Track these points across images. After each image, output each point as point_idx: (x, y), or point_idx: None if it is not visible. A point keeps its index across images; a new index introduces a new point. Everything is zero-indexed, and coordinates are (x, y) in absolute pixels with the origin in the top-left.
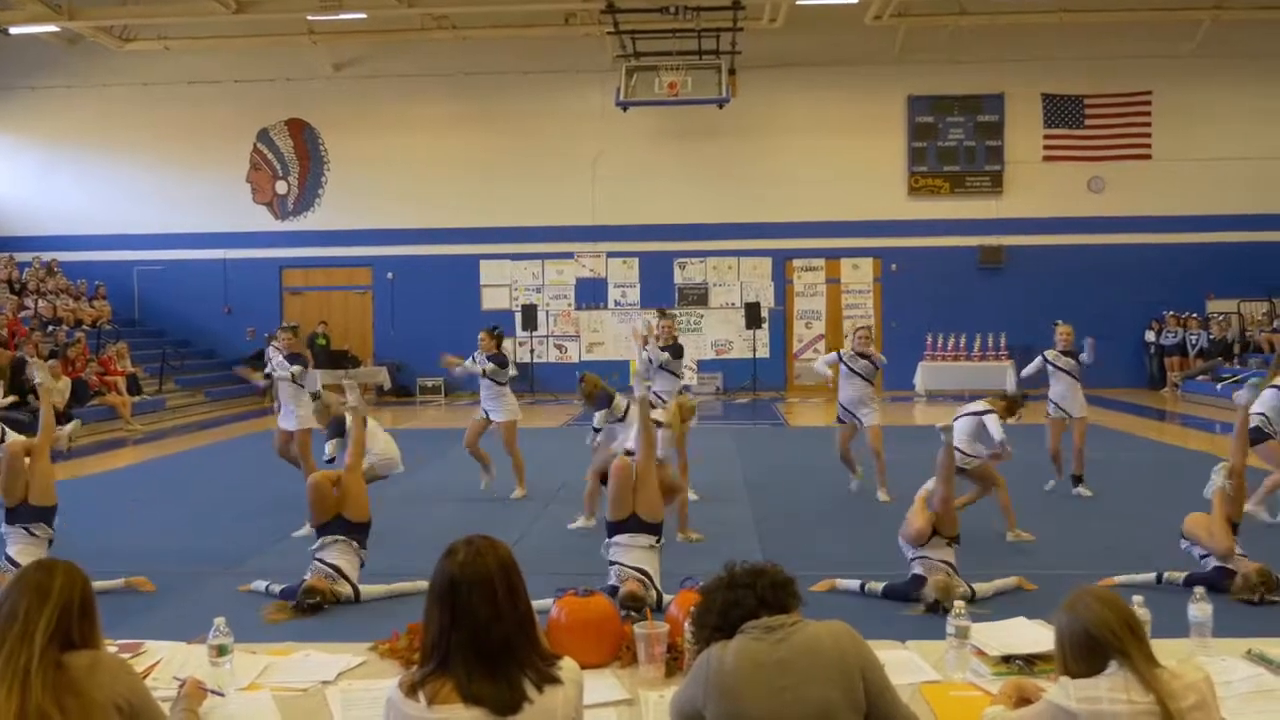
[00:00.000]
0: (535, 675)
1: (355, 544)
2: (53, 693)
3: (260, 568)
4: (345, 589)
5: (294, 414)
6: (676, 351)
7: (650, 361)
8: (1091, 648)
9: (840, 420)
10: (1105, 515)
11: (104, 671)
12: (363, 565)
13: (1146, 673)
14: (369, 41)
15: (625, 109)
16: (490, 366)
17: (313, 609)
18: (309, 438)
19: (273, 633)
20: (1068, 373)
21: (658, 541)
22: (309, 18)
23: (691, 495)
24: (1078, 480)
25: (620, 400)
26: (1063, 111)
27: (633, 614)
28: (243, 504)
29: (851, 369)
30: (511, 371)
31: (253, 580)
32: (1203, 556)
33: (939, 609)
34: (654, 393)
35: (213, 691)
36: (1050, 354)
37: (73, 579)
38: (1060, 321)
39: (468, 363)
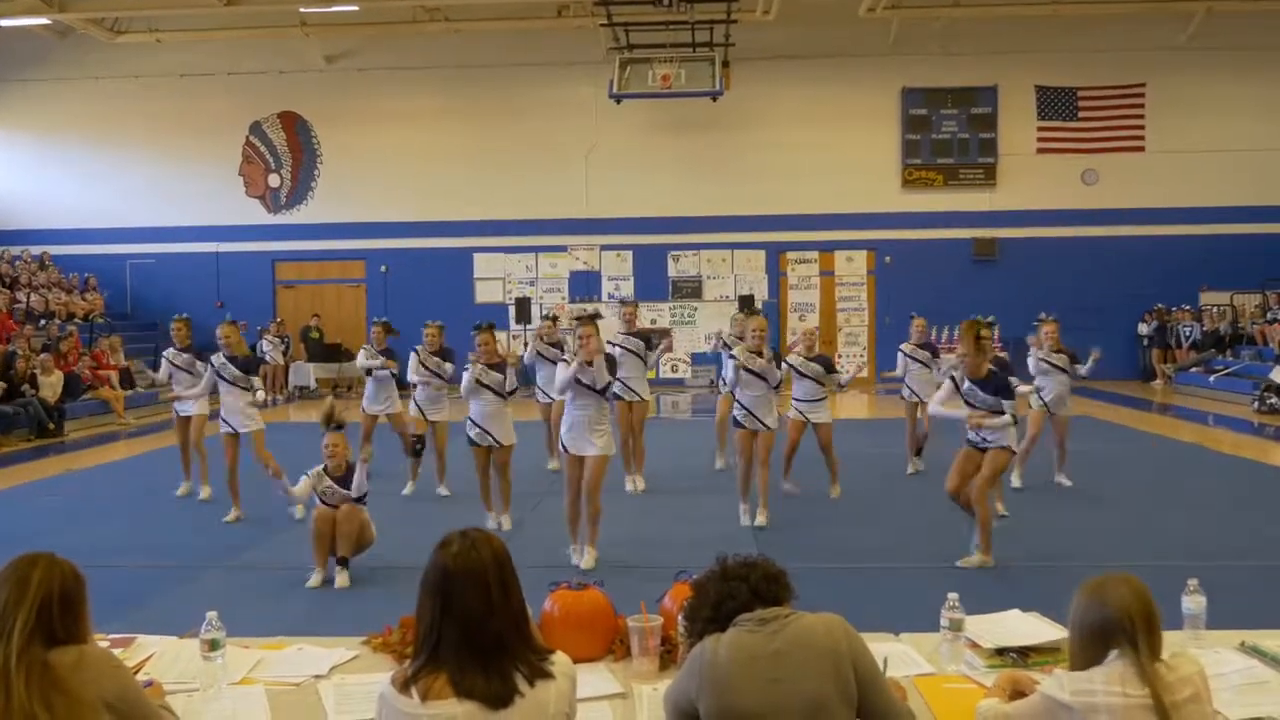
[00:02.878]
0: (527, 670)
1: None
2: (39, 692)
3: (253, 561)
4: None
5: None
6: (644, 339)
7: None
8: (1106, 632)
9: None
10: (1095, 506)
11: (89, 668)
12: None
13: (1147, 666)
14: (361, 34)
15: (618, 101)
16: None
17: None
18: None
19: (265, 627)
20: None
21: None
22: (301, 10)
23: (640, 484)
24: None
25: None
26: (1056, 104)
27: None
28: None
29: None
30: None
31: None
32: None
33: None
34: (622, 381)
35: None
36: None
37: (51, 572)
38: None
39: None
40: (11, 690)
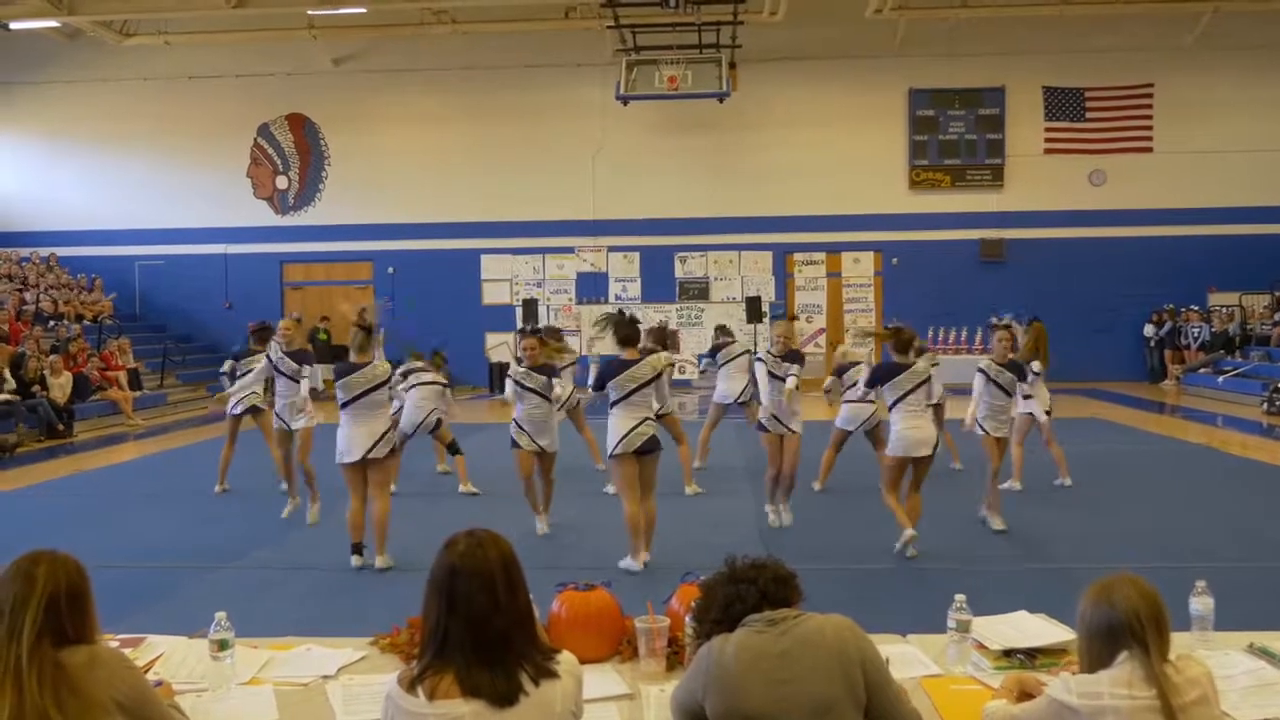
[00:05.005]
0: (532, 669)
1: None
2: (51, 692)
3: (262, 561)
4: None
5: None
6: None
7: None
8: (1115, 634)
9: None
10: (1102, 507)
11: (102, 667)
12: None
13: (1156, 668)
14: (369, 36)
15: (625, 103)
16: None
17: None
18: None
19: (273, 627)
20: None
21: None
22: (309, 12)
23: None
24: None
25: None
26: (1063, 104)
27: None
28: (244, 498)
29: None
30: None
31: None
32: None
33: None
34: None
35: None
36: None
37: (56, 569)
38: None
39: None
40: (24, 690)
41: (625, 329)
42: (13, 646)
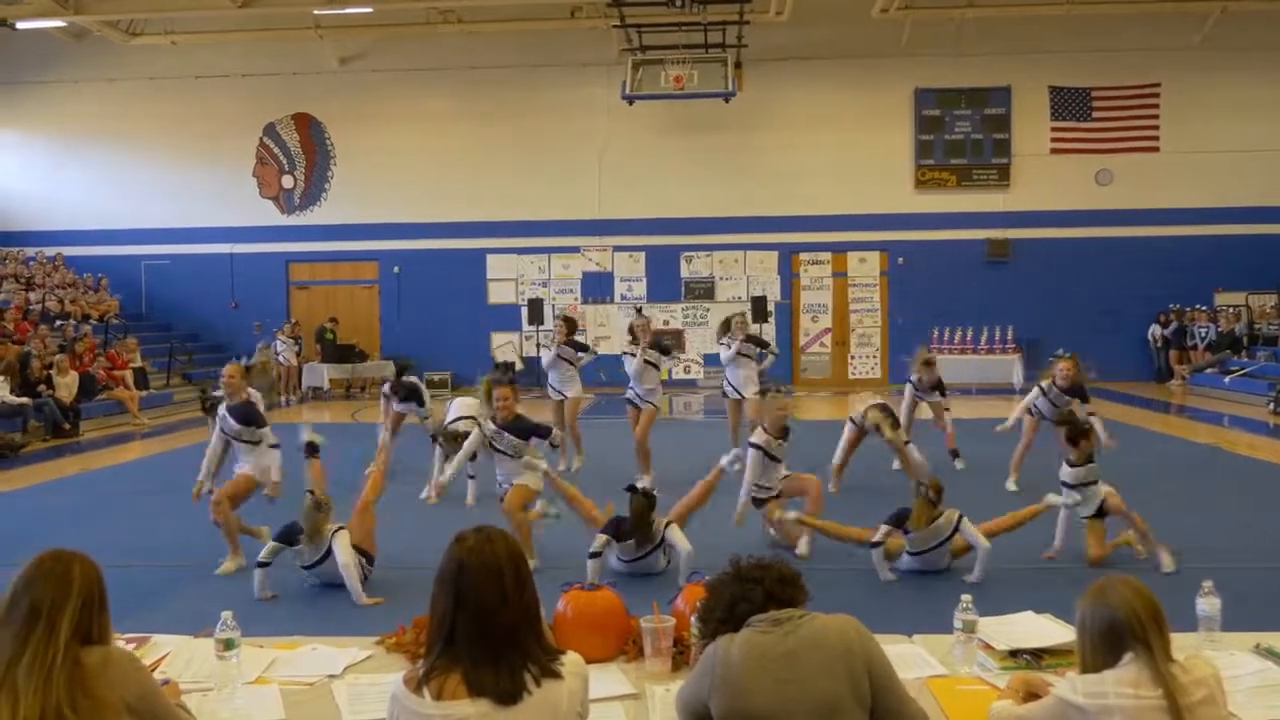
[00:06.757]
0: (537, 668)
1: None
2: (69, 692)
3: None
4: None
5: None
6: (661, 349)
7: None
8: (1116, 634)
9: None
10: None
11: (115, 669)
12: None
13: (1162, 667)
14: (375, 36)
15: (631, 103)
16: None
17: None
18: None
19: (279, 627)
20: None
21: None
22: (315, 12)
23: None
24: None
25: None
26: (1070, 104)
27: None
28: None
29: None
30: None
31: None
32: None
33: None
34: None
35: None
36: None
37: (89, 569)
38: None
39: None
40: (50, 690)
41: (644, 508)
42: (50, 646)
